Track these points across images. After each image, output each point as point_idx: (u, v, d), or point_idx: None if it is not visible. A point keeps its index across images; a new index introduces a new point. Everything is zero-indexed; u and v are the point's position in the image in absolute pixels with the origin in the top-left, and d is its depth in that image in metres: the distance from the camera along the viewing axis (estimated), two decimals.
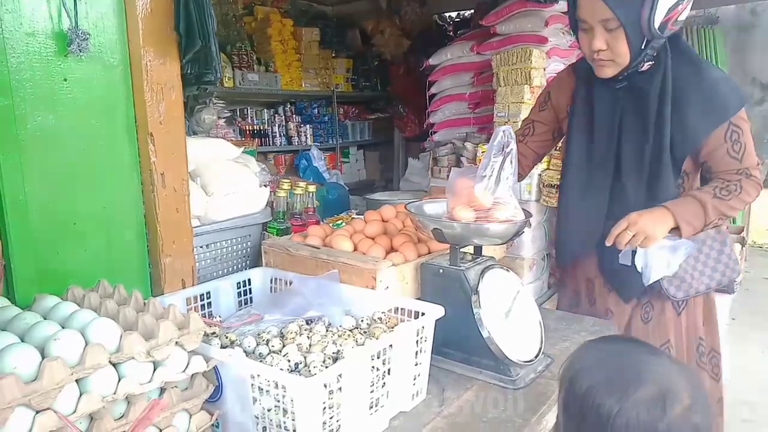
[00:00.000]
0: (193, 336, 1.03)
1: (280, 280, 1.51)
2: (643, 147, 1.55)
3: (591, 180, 1.65)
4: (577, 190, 1.71)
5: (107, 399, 0.89)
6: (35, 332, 0.90)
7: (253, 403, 1.03)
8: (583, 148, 1.67)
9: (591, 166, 1.65)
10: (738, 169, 1.53)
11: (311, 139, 5.34)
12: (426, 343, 1.25)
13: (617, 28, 1.42)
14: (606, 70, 1.53)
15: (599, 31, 1.46)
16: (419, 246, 1.61)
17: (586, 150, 1.66)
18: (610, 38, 1.45)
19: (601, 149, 1.62)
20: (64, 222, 1.22)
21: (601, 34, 1.46)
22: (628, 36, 1.42)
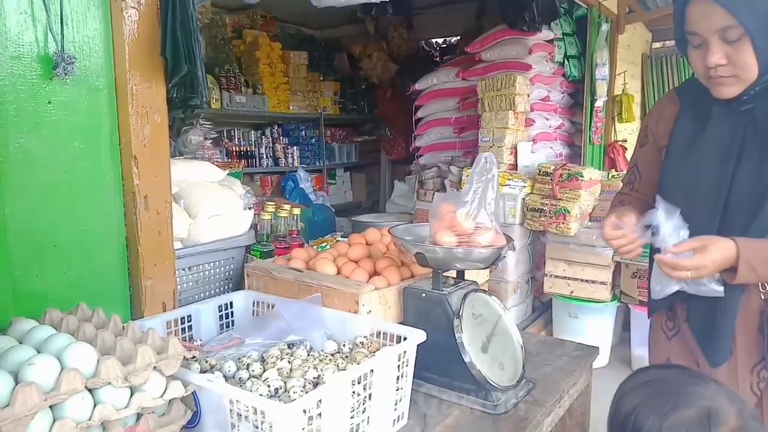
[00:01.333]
0: (172, 361, 1.02)
1: (263, 304, 1.50)
2: (762, 181, 1.24)
3: (690, 217, 1.27)
4: None
5: (82, 425, 0.87)
6: (10, 357, 0.89)
7: (232, 429, 1.02)
8: (682, 180, 1.36)
9: (691, 202, 1.31)
10: None
11: (298, 160, 5.37)
12: (408, 368, 1.25)
13: (741, 37, 1.18)
14: (727, 89, 1.25)
15: (716, 44, 1.21)
16: (402, 269, 1.61)
17: (687, 183, 1.35)
18: (731, 50, 1.20)
19: (708, 182, 1.31)
20: (44, 244, 1.21)
21: (718, 48, 1.21)
22: (756, 44, 1.17)
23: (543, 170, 3.38)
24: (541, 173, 3.39)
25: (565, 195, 3.25)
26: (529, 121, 3.73)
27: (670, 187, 1.38)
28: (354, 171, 6.15)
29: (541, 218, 3.31)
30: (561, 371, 1.53)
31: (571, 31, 4.06)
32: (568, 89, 4.14)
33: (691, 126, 1.38)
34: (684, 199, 1.31)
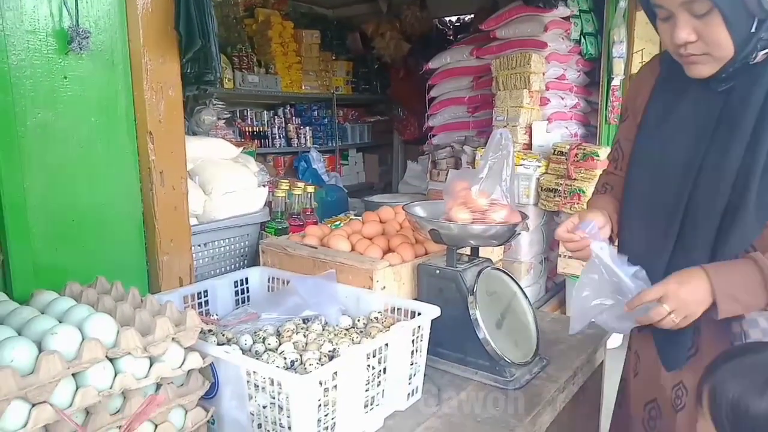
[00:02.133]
0: (190, 332, 1.03)
1: (278, 280, 1.51)
2: (729, 166, 1.09)
3: (655, 203, 1.19)
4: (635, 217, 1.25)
5: (103, 393, 0.89)
6: (33, 326, 0.91)
7: (249, 400, 1.03)
8: (650, 158, 1.24)
9: (656, 184, 1.20)
10: None
11: (311, 141, 5.36)
12: (422, 343, 1.25)
13: (709, 10, 1.03)
14: (699, 68, 1.11)
15: (683, 18, 1.06)
16: (416, 247, 1.61)
17: (655, 162, 1.22)
18: (700, 25, 1.06)
19: (677, 162, 1.17)
20: (63, 218, 1.23)
21: (686, 22, 1.06)
22: (727, 18, 1.03)
23: (558, 150, 3.35)
24: (555, 153, 3.36)
25: (580, 175, 3.22)
26: (544, 100, 3.68)
27: (638, 166, 1.26)
28: (366, 152, 6.13)
29: (555, 198, 3.28)
30: (575, 349, 1.52)
31: (588, 8, 3.98)
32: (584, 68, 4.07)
33: (667, 98, 1.24)
34: (650, 180, 1.21)
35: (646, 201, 1.21)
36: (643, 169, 1.24)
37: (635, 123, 1.32)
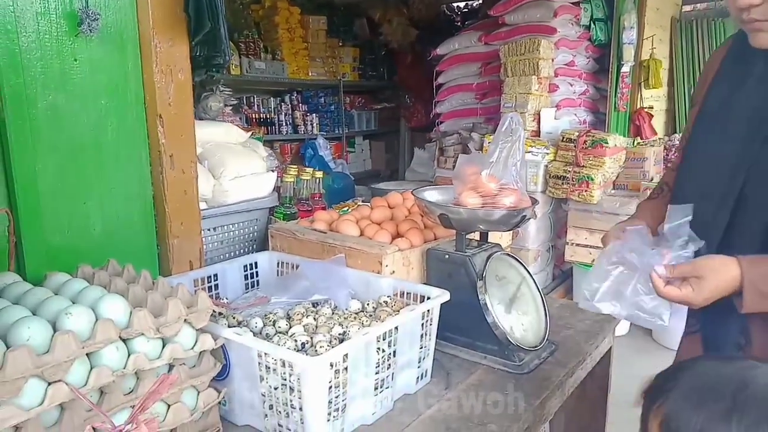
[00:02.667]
0: (202, 314, 1.04)
1: (287, 264, 1.52)
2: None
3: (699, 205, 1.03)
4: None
5: (117, 373, 0.90)
6: (47, 307, 0.91)
7: (260, 382, 1.04)
8: (699, 156, 1.14)
9: (702, 188, 1.09)
10: None
11: (317, 128, 5.35)
12: (431, 327, 1.25)
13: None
14: (763, 37, 1.00)
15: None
16: (425, 232, 1.61)
17: (703, 161, 1.12)
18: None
19: (725, 161, 1.06)
20: (74, 201, 1.23)
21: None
22: None
23: (566, 137, 3.33)
24: (564, 140, 3.34)
25: (588, 162, 3.21)
26: (552, 87, 3.65)
27: (687, 159, 1.17)
28: (373, 139, 6.11)
29: (563, 185, 3.27)
30: (584, 334, 1.53)
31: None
32: (594, 54, 4.03)
33: (732, 79, 1.11)
34: (697, 184, 1.10)
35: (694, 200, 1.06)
36: (693, 163, 1.14)
37: (695, 112, 1.21)
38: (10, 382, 0.78)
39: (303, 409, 0.99)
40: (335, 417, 1.03)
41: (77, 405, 0.87)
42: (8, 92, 1.10)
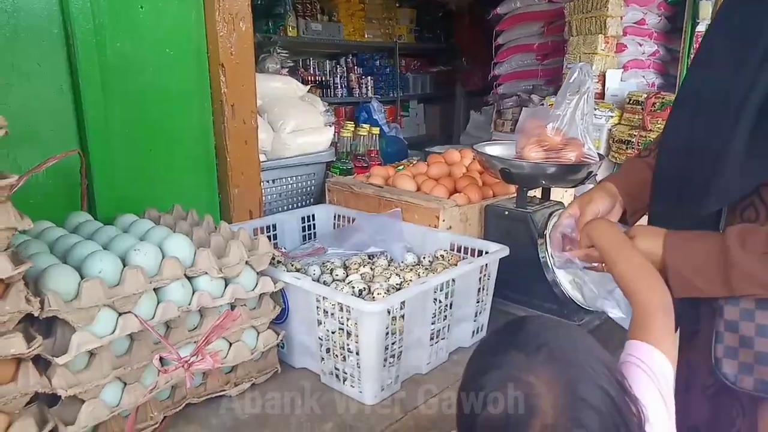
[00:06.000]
0: (262, 257, 1.05)
1: (343, 217, 1.52)
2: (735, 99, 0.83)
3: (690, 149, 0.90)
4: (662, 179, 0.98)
5: (182, 309, 0.93)
6: (117, 243, 0.95)
7: (318, 326, 1.05)
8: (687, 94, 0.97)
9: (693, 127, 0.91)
10: None
11: (372, 91, 5.30)
12: (489, 282, 1.23)
13: None
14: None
15: None
16: (484, 189, 1.58)
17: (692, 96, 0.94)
18: None
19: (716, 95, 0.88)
20: (141, 148, 1.27)
21: None
22: None
23: (634, 99, 3.15)
24: (631, 102, 3.16)
25: (656, 126, 3.03)
26: (620, 47, 3.45)
27: (673, 109, 0.99)
28: (428, 104, 6.01)
29: (628, 150, 3.11)
30: None
31: None
32: (667, 12, 3.77)
33: (724, 24, 0.93)
34: (687, 124, 0.92)
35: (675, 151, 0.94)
36: (676, 112, 0.98)
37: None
38: (85, 310, 0.82)
39: (359, 354, 0.99)
40: (391, 363, 1.03)
41: (146, 337, 0.91)
42: (80, 38, 1.13)
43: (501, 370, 0.62)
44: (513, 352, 0.62)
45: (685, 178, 0.92)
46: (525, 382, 0.60)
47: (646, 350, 0.74)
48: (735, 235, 0.78)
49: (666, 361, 0.74)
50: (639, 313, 0.79)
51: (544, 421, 0.58)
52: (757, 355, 0.80)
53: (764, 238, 0.76)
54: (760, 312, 0.80)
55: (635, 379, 0.68)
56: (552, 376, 0.59)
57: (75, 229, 1.06)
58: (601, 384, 0.60)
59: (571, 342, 0.65)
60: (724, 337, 0.83)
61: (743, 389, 0.81)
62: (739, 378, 0.81)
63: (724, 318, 0.82)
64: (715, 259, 0.79)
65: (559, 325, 0.70)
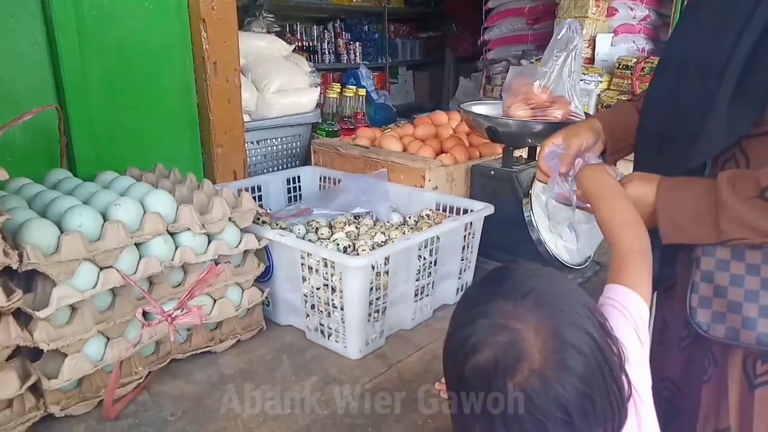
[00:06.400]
0: (246, 214, 1.05)
1: (329, 179, 1.51)
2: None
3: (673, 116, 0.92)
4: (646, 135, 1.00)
5: (165, 264, 0.92)
6: (98, 199, 0.94)
7: (303, 282, 1.05)
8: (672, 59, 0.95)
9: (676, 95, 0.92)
10: None
11: (360, 57, 5.22)
12: (474, 240, 1.24)
13: None
14: None
15: None
16: (470, 150, 1.57)
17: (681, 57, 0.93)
18: None
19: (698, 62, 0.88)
20: (122, 105, 1.24)
21: None
22: None
23: (623, 63, 3.14)
24: (620, 67, 3.15)
25: None
26: (611, 11, 3.41)
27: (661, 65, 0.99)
28: (417, 70, 5.94)
29: None
30: None
31: None
32: None
33: None
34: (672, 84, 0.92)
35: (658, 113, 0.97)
36: (660, 74, 0.98)
37: None
38: (65, 263, 0.81)
39: (344, 309, 1.00)
40: (375, 319, 1.04)
41: (128, 292, 0.90)
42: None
43: (488, 318, 0.62)
44: (500, 300, 0.63)
45: (670, 134, 0.93)
46: (512, 328, 0.60)
47: (623, 292, 0.75)
48: (726, 179, 0.79)
49: (642, 302, 0.75)
50: (618, 257, 0.80)
51: (532, 366, 0.59)
52: (729, 303, 0.82)
53: (754, 182, 0.76)
54: (734, 262, 0.82)
55: (613, 320, 0.69)
56: (539, 322, 0.60)
57: (54, 186, 1.04)
58: (585, 327, 0.61)
59: (556, 288, 0.65)
60: (699, 287, 0.85)
61: (715, 337, 0.83)
62: (712, 326, 0.84)
63: (700, 269, 0.84)
64: (705, 202, 0.80)
65: (543, 272, 0.71)
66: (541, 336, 0.59)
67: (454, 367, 0.64)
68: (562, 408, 0.58)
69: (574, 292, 0.67)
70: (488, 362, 0.60)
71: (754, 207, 0.76)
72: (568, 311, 0.62)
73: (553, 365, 0.59)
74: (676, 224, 0.83)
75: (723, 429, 0.88)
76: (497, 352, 0.60)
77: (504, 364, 0.59)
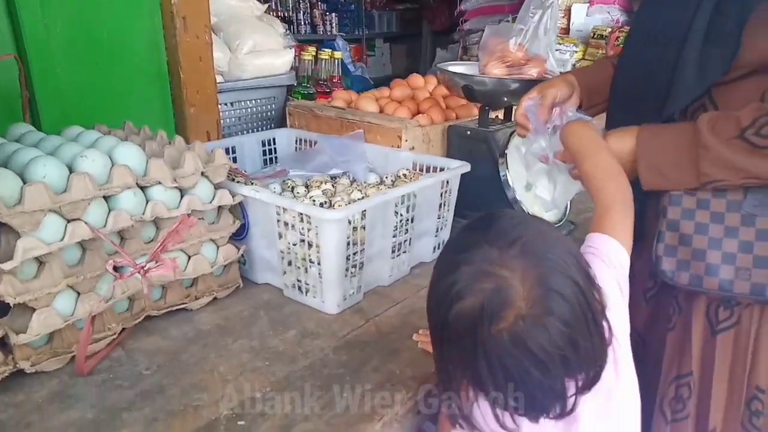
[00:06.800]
0: (219, 169, 1.03)
1: (305, 141, 1.49)
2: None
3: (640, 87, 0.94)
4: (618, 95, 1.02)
5: (136, 218, 0.90)
6: (63, 151, 0.90)
7: (279, 239, 1.04)
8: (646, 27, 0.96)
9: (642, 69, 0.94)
10: None
11: (336, 28, 5.14)
12: (450, 198, 1.24)
13: None
14: None
15: None
16: (447, 112, 1.56)
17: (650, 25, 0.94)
18: None
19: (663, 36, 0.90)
20: (88, 60, 1.20)
21: None
22: None
23: (598, 33, 3.15)
24: (595, 36, 3.16)
25: None
26: None
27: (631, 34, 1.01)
28: (394, 42, 5.88)
29: None
30: None
31: None
32: None
33: None
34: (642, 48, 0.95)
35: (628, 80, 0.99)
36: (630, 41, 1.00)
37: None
38: (29, 214, 0.78)
39: (321, 264, 0.99)
40: (353, 274, 1.04)
41: (98, 246, 0.88)
42: None
43: (473, 265, 0.62)
44: (486, 247, 0.63)
45: (641, 90, 0.95)
46: (498, 275, 0.60)
47: (604, 240, 0.76)
48: (706, 121, 0.80)
49: (622, 249, 0.76)
50: (601, 208, 0.81)
51: (518, 312, 0.59)
52: (693, 251, 0.84)
53: (735, 122, 0.77)
54: (700, 211, 0.84)
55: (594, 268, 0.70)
56: (525, 269, 0.60)
57: (17, 140, 1.00)
58: (571, 275, 0.62)
59: (542, 236, 0.66)
60: (665, 236, 0.86)
61: (679, 284, 0.86)
62: (676, 274, 0.86)
63: (666, 218, 0.86)
64: (685, 144, 0.81)
65: (529, 219, 0.71)
66: (527, 283, 0.60)
67: (439, 313, 0.64)
68: (545, 352, 0.59)
69: (559, 240, 0.67)
70: (473, 309, 0.60)
71: (734, 147, 0.78)
72: (554, 259, 0.62)
73: (539, 312, 0.59)
74: (657, 170, 0.85)
75: (685, 374, 0.91)
76: (483, 299, 0.60)
77: (489, 311, 0.59)
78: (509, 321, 0.59)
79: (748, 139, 0.76)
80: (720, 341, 0.87)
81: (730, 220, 0.83)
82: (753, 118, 0.76)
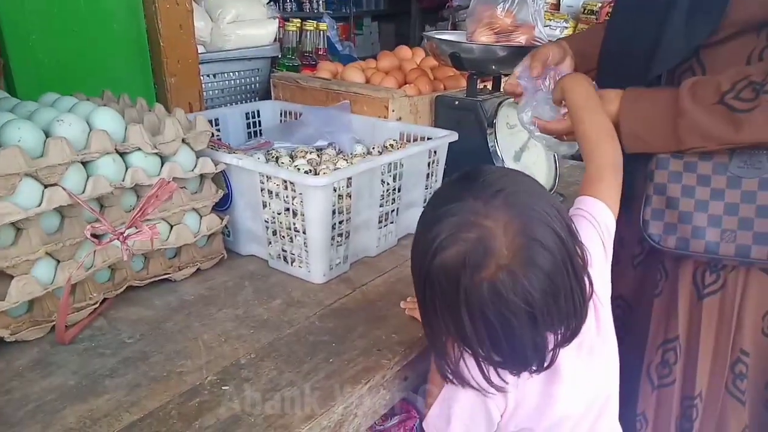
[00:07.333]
0: (201, 136, 1.00)
1: (290, 113, 1.46)
2: None
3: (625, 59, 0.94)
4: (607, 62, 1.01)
5: (115, 185, 0.88)
6: (39, 116, 0.88)
7: (263, 208, 1.03)
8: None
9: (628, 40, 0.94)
10: None
11: (323, 6, 5.06)
12: (438, 168, 1.22)
13: None
14: None
15: None
16: (435, 83, 1.54)
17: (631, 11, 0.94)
18: None
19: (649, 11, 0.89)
20: (62, 27, 1.16)
21: None
22: None
23: (588, 8, 3.12)
24: (586, 12, 3.14)
25: None
26: None
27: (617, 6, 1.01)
28: (382, 21, 5.80)
29: None
30: None
31: None
32: None
33: None
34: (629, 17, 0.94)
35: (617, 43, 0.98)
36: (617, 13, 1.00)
37: None
38: (4, 178, 0.76)
39: (306, 232, 0.98)
40: (339, 243, 1.02)
41: (77, 213, 0.86)
42: None
43: (457, 216, 0.62)
44: (470, 199, 0.62)
45: (628, 50, 0.94)
46: (481, 225, 0.60)
47: (591, 201, 0.76)
48: (688, 87, 0.79)
49: (608, 210, 0.76)
50: (592, 170, 0.81)
51: (499, 261, 0.59)
52: (680, 214, 0.84)
53: (715, 87, 0.76)
54: (686, 174, 0.84)
55: (580, 228, 0.69)
56: (508, 220, 0.60)
57: None
58: (553, 226, 0.61)
59: (526, 188, 0.65)
60: (652, 200, 0.86)
61: (667, 248, 0.85)
62: (663, 238, 0.85)
63: (653, 182, 0.86)
64: (665, 110, 0.80)
65: (513, 173, 0.70)
66: (510, 233, 0.59)
67: (422, 266, 0.64)
68: (527, 303, 0.59)
69: (543, 193, 0.67)
70: (456, 258, 0.60)
71: (713, 113, 0.77)
72: (537, 210, 0.62)
73: (520, 261, 0.59)
74: (636, 134, 0.84)
75: (671, 339, 0.91)
76: (465, 248, 0.59)
77: (472, 261, 0.59)
78: (491, 270, 0.59)
79: (728, 104, 0.75)
80: (706, 305, 0.87)
81: (716, 183, 0.83)
82: (732, 82, 0.75)
